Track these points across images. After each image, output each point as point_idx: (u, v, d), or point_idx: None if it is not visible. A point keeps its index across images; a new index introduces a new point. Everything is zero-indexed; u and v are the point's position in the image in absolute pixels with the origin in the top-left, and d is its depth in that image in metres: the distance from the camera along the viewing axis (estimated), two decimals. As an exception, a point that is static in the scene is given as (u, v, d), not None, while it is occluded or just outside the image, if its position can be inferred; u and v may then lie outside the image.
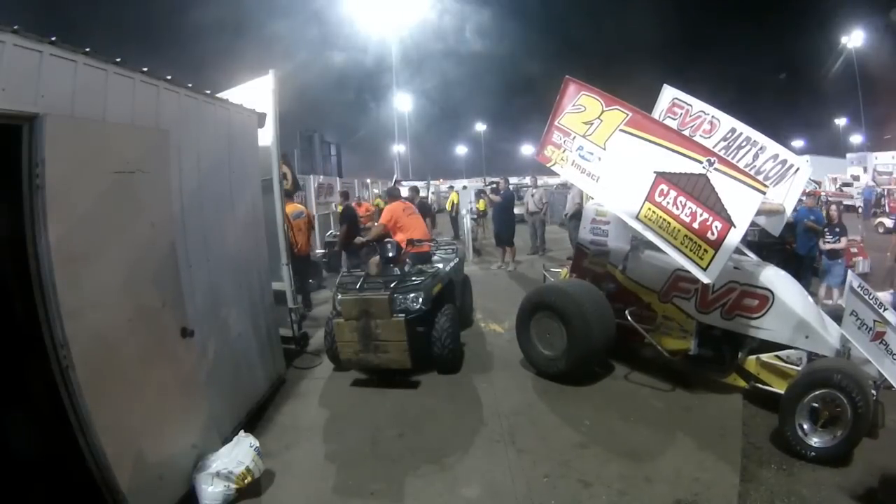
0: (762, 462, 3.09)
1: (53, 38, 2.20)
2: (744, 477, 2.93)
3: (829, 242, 6.29)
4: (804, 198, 6.17)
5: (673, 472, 2.99)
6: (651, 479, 2.95)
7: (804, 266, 6.39)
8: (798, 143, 34.45)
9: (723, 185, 3.46)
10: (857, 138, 33.12)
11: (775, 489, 2.82)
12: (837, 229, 6.36)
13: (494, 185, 11.45)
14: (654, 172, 3.76)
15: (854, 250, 7.47)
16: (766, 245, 5.62)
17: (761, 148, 4.68)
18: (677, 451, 3.23)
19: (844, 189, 18.21)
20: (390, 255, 4.78)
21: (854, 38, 29.38)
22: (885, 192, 17.42)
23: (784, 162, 4.60)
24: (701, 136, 4.86)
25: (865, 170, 21.66)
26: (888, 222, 13.79)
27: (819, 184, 15.49)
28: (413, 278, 4.55)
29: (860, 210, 16.58)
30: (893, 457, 2.94)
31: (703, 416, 3.67)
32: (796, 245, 6.51)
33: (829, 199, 8.29)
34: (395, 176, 15.09)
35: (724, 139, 4.82)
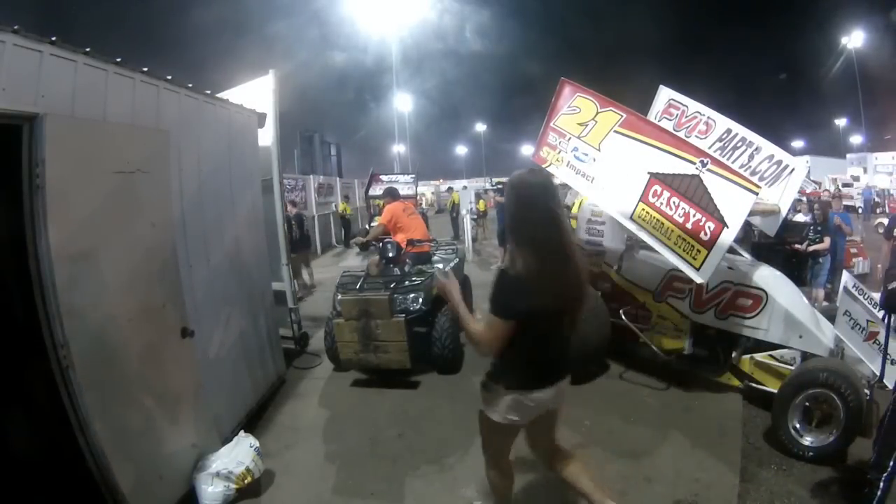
0: (761, 462, 3.09)
1: (53, 39, 2.20)
2: (743, 477, 2.93)
3: (813, 243, 6.20)
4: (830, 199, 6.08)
5: (673, 473, 2.99)
6: (651, 479, 2.96)
7: (834, 266, 6.27)
8: (798, 143, 34.62)
9: (716, 185, 3.48)
10: (857, 139, 33.19)
11: (775, 489, 2.82)
12: (819, 228, 6.31)
13: (501, 186, 11.47)
14: (648, 173, 3.78)
15: (854, 250, 7.45)
16: (766, 246, 5.63)
17: (757, 149, 4.70)
18: (677, 452, 3.24)
19: (844, 189, 18.23)
20: (390, 255, 4.78)
21: (854, 39, 29.43)
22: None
23: (779, 163, 4.62)
24: (697, 136, 4.87)
25: (865, 170, 21.71)
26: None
27: (819, 184, 15.53)
28: (413, 278, 4.55)
29: (860, 210, 16.61)
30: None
31: (702, 417, 3.67)
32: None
33: (810, 198, 8.20)
34: (370, 170, 14.96)
35: (720, 140, 4.84)
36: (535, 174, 2.03)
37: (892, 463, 2.38)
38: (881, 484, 2.40)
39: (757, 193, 3.45)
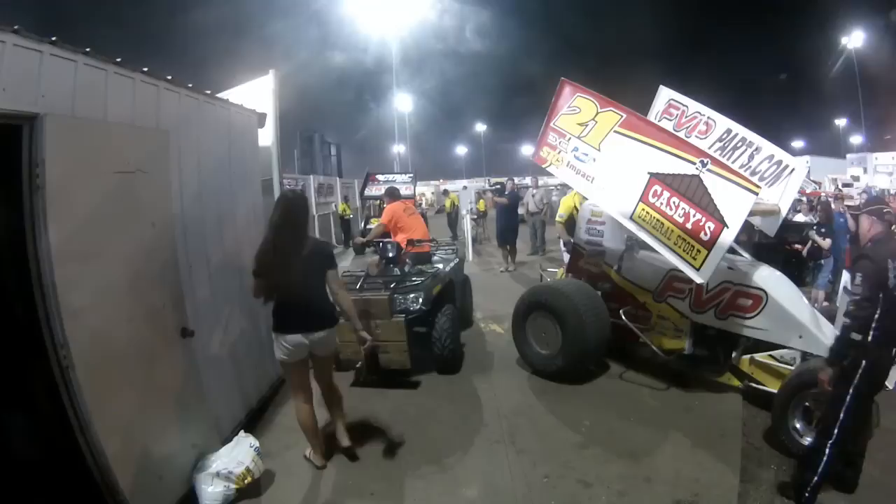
0: (762, 462, 3.09)
1: (53, 38, 2.20)
2: (743, 477, 2.93)
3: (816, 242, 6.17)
4: (831, 199, 6.08)
5: (672, 473, 2.99)
6: (651, 479, 2.96)
7: (836, 268, 6.24)
8: (798, 143, 34.64)
9: (716, 185, 3.48)
10: (857, 139, 33.17)
11: (775, 490, 2.82)
12: (823, 229, 6.27)
13: (499, 186, 11.46)
14: (648, 173, 3.78)
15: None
16: (767, 246, 5.63)
17: (757, 149, 4.70)
18: (677, 452, 3.24)
19: (844, 189, 18.23)
20: (390, 255, 4.78)
21: (854, 39, 29.40)
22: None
23: (779, 163, 4.61)
24: (697, 136, 4.87)
25: (865, 170, 21.69)
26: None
27: (819, 184, 15.53)
28: (413, 278, 4.55)
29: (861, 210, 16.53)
30: (890, 456, 2.94)
31: (702, 417, 3.67)
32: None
33: (810, 198, 8.19)
34: (366, 170, 15.02)
35: (720, 140, 4.83)
36: (293, 192, 3.33)
37: (836, 431, 2.51)
38: (827, 450, 2.51)
39: (757, 193, 3.45)
